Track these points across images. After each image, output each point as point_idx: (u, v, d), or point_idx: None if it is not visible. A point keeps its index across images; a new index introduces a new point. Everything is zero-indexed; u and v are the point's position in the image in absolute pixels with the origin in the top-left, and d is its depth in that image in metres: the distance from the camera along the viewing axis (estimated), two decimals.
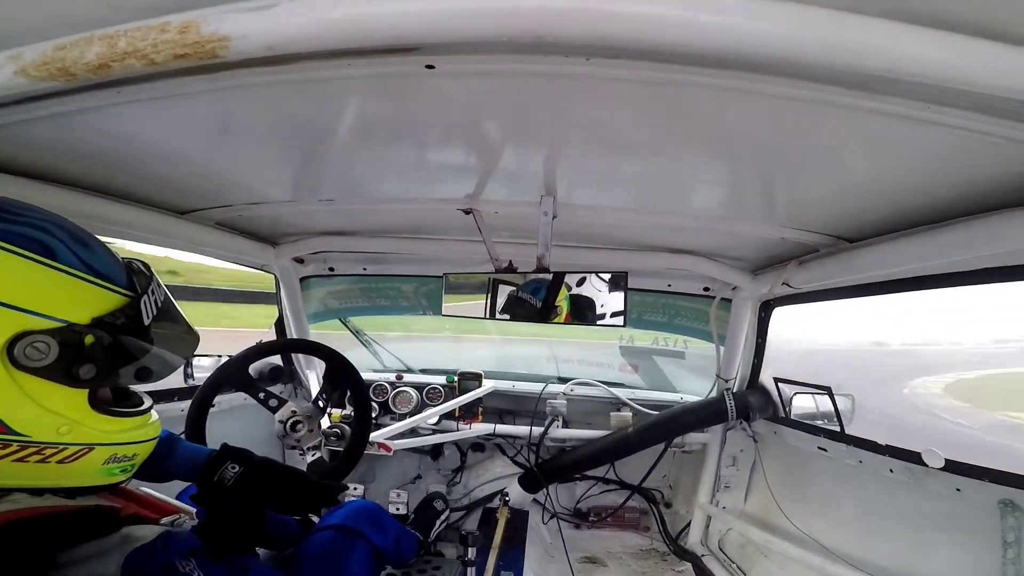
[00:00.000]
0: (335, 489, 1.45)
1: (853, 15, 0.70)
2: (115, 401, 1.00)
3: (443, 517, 2.76)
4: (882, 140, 1.13)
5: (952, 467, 1.75)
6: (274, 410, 2.01)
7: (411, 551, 2.05)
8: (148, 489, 1.31)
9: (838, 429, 2.30)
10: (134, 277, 0.95)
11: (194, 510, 1.30)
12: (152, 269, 1.00)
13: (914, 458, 1.86)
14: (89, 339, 0.84)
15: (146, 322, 0.93)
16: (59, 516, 0.89)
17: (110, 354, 0.87)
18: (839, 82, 0.89)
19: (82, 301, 0.85)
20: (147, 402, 1.06)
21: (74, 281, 0.84)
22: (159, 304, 0.98)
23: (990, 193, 1.29)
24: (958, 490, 1.72)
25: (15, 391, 0.79)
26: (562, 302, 1.87)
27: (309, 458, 2.02)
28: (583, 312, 1.84)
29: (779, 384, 2.71)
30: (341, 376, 2.14)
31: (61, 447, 0.85)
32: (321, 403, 2.09)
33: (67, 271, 0.83)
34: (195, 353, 2.56)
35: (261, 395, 2.00)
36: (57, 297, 0.82)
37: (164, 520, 1.21)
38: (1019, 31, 0.71)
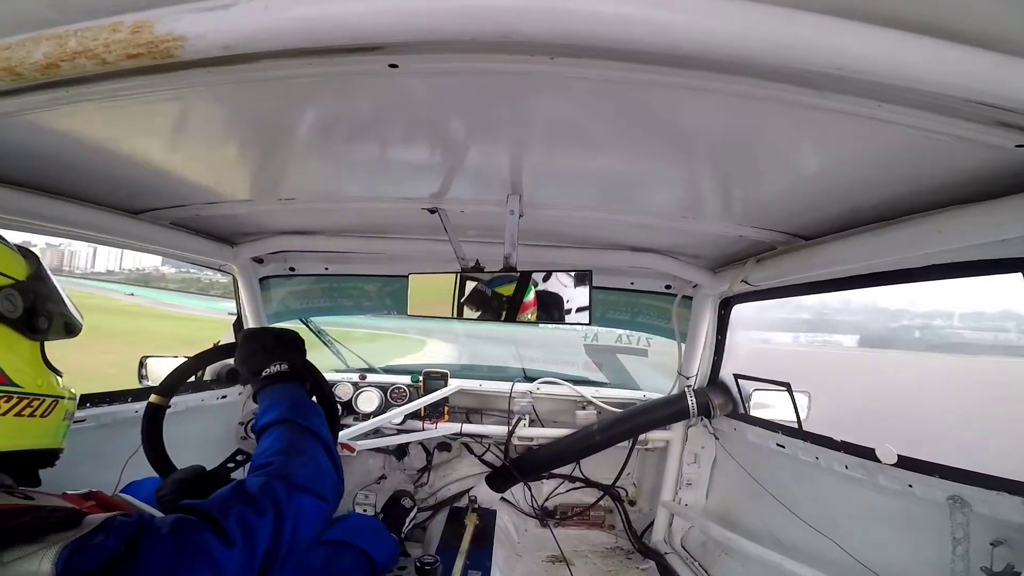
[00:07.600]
0: None
1: (802, 13, 0.71)
2: None
3: (412, 515, 2.75)
4: (833, 138, 1.16)
5: (904, 463, 1.77)
6: None
7: (396, 556, 2.08)
8: (125, 495, 1.27)
9: (796, 425, 2.33)
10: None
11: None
12: None
13: (868, 454, 1.89)
14: (34, 294, 0.97)
15: (52, 281, 1.06)
16: (9, 513, 0.82)
17: (47, 307, 1.00)
18: (791, 80, 0.91)
19: (18, 263, 0.98)
20: None
21: (5, 247, 0.98)
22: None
23: (934, 191, 1.33)
24: (910, 486, 1.74)
25: (4, 343, 0.90)
26: (529, 301, 1.87)
27: None
28: (550, 309, 1.85)
29: (739, 380, 2.76)
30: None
31: (41, 399, 0.94)
32: None
33: (2, 239, 0.97)
34: (151, 354, 2.52)
35: None
36: (4, 258, 0.95)
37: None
38: (962, 28, 0.74)
